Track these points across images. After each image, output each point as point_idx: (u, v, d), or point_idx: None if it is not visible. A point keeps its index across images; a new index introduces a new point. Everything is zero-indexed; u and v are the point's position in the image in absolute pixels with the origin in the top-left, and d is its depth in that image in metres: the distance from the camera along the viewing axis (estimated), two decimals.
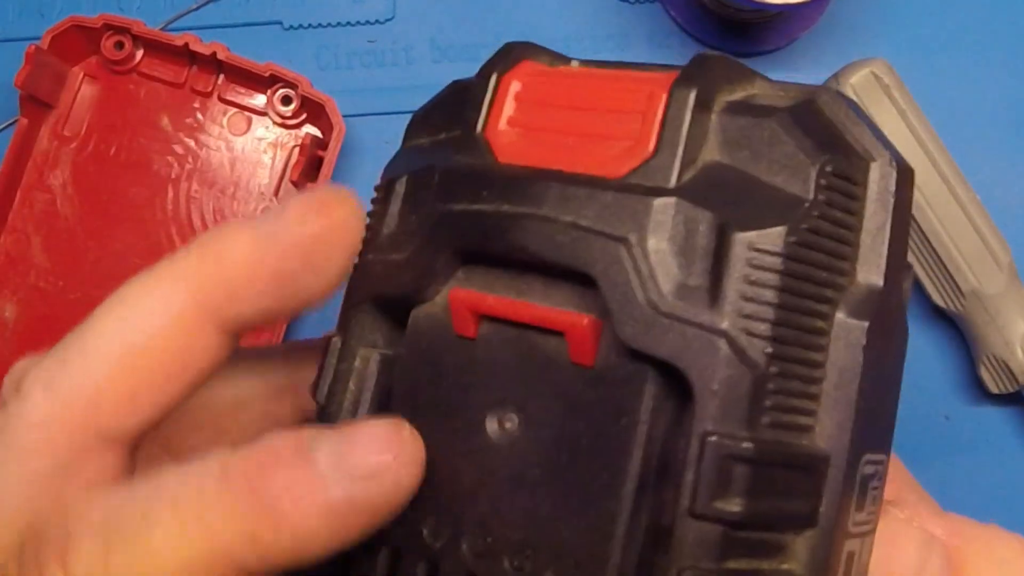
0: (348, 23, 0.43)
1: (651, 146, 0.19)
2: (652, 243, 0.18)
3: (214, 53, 0.40)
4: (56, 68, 0.41)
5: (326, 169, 0.39)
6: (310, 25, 0.43)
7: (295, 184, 0.41)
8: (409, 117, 0.43)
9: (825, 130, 0.19)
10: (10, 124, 0.42)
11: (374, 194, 0.24)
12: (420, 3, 0.43)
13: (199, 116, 0.42)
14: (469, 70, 0.45)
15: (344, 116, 0.40)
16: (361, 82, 0.43)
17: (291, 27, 0.43)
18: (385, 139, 0.43)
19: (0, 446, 0.20)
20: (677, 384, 0.18)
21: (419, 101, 0.44)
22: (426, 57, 0.43)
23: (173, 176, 0.42)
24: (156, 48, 0.41)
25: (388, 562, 0.20)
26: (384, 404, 0.21)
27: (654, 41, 0.43)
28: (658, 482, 0.18)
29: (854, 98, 0.39)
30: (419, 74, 0.43)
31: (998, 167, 0.42)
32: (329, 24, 0.43)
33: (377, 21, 0.43)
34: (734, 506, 0.17)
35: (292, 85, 0.40)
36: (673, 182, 0.18)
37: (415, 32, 0.43)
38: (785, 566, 0.18)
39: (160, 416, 0.20)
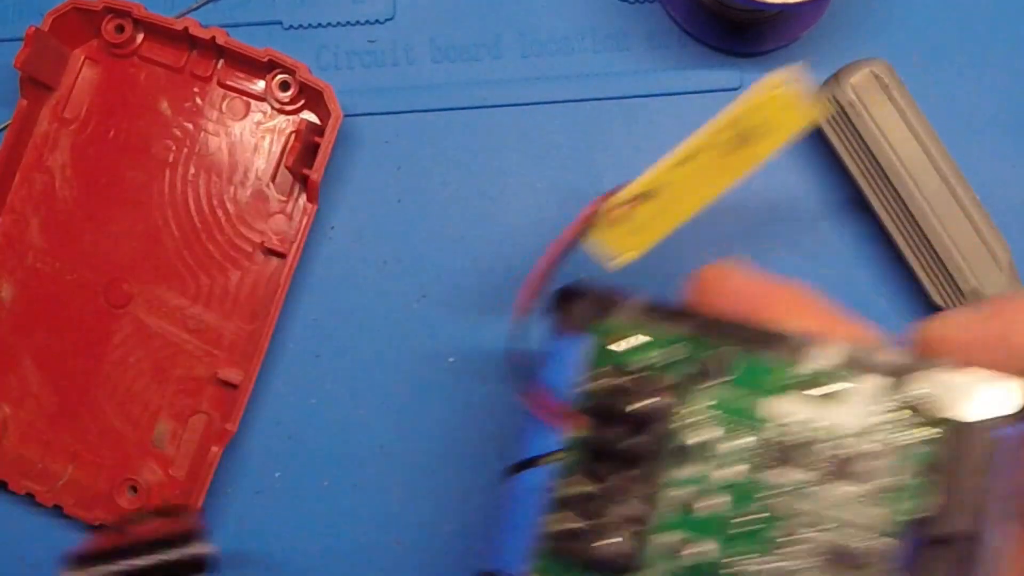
0: (348, 23, 0.43)
1: None
2: None
3: (213, 38, 0.40)
4: (57, 50, 0.41)
5: (322, 156, 0.39)
6: (310, 25, 0.43)
7: (290, 170, 0.41)
8: (409, 117, 0.44)
9: None
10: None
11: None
12: (420, 3, 0.43)
13: (198, 100, 0.42)
14: (469, 70, 0.46)
15: (344, 116, 0.40)
16: (361, 82, 0.43)
17: (291, 27, 0.43)
18: (385, 139, 0.43)
19: None
20: None
21: (419, 101, 0.45)
22: (426, 57, 0.43)
23: (171, 160, 0.42)
24: (156, 32, 0.41)
25: None
26: None
27: (654, 41, 0.43)
28: None
29: (854, 98, 0.39)
30: (419, 74, 0.43)
31: (998, 167, 0.42)
32: (329, 24, 0.43)
33: (377, 21, 0.43)
34: None
35: (290, 71, 0.41)
36: None
37: (415, 32, 0.43)
38: None
39: None
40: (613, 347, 0.27)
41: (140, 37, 0.42)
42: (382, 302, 0.42)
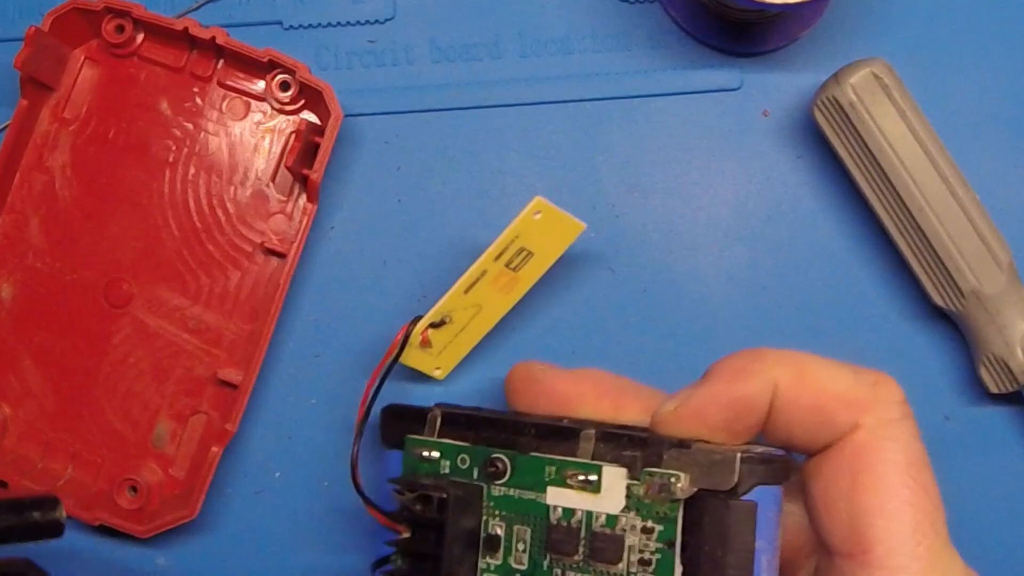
0: (348, 23, 0.43)
1: None
2: None
3: (213, 38, 0.40)
4: (57, 50, 0.41)
5: (322, 156, 0.39)
6: (310, 25, 0.43)
7: (290, 170, 0.41)
8: (409, 117, 0.44)
9: None
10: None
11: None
12: (420, 3, 0.43)
13: (198, 100, 0.42)
14: (469, 70, 0.45)
15: (344, 116, 0.40)
16: (361, 82, 0.43)
17: (291, 27, 0.43)
18: (385, 139, 0.43)
19: None
20: None
21: (419, 101, 0.45)
22: (426, 57, 0.43)
23: (171, 160, 0.42)
24: (156, 32, 0.41)
25: None
26: None
27: (654, 41, 0.43)
28: None
29: (854, 98, 0.39)
30: (419, 74, 0.43)
31: (998, 167, 0.42)
32: (329, 24, 0.43)
33: (377, 21, 0.43)
34: None
35: (290, 71, 0.40)
36: None
37: (415, 32, 0.43)
38: None
39: None
40: (414, 460, 0.31)
41: (140, 37, 0.42)
42: (382, 302, 0.42)
